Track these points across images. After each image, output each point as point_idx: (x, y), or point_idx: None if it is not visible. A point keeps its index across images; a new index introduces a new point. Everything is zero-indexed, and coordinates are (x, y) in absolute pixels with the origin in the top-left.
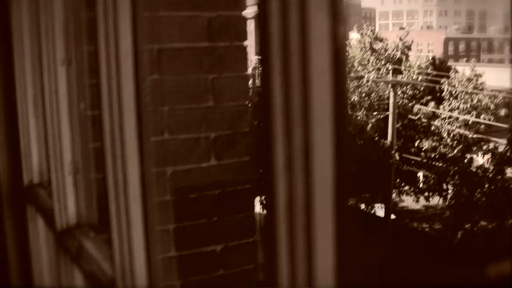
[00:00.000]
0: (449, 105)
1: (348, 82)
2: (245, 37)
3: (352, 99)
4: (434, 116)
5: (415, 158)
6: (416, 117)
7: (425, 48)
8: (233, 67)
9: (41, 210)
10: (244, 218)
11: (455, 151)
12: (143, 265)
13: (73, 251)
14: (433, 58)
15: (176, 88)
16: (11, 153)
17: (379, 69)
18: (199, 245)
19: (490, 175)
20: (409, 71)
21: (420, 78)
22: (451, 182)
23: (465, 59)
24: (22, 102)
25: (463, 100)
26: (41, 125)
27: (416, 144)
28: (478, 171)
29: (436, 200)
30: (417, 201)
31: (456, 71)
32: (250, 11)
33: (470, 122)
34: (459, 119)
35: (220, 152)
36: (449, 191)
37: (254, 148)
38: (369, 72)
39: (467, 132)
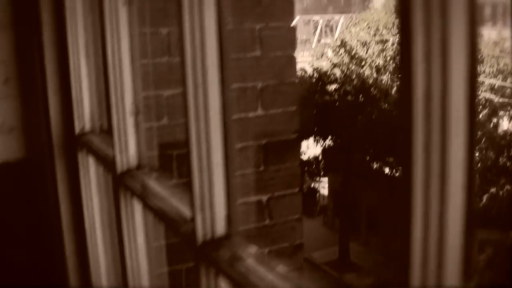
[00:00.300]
0: None
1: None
2: None
3: (377, 63)
4: None
5: None
6: None
7: None
8: (280, 17)
9: (95, 155)
10: (289, 169)
11: (481, 115)
12: (223, 207)
13: (137, 189)
14: None
15: None
16: (62, 102)
17: None
18: (246, 195)
19: None
20: None
21: None
22: (477, 146)
23: (490, 23)
24: (73, 50)
25: (489, 64)
26: (93, 72)
27: None
28: (505, 135)
29: None
30: None
31: (482, 35)
32: None
33: (496, 86)
34: (485, 83)
35: (267, 102)
36: (475, 155)
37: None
38: (394, 35)
39: (493, 96)
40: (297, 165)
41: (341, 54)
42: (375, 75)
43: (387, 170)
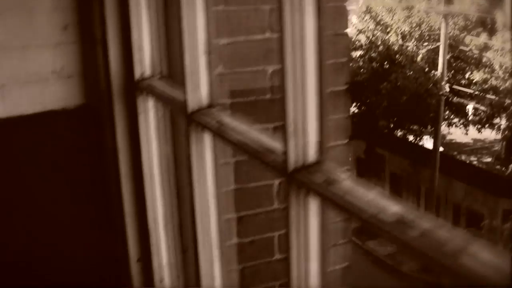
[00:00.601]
0: (502, 36)
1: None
2: None
3: (403, 29)
4: (486, 47)
5: (465, 90)
6: (468, 49)
7: None
8: None
9: (159, 98)
10: (339, 120)
11: (507, 84)
12: (315, 133)
13: (212, 126)
14: None
15: None
16: (122, 47)
17: None
18: None
19: None
20: (461, 1)
21: (472, 8)
22: (504, 115)
23: None
24: None
25: None
26: (153, 17)
27: (466, 76)
28: None
29: (485, 134)
30: (466, 133)
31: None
32: None
33: None
34: None
35: None
36: (502, 124)
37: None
38: (420, 2)
39: None
40: (347, 116)
41: (366, 20)
42: (400, 41)
43: (411, 137)
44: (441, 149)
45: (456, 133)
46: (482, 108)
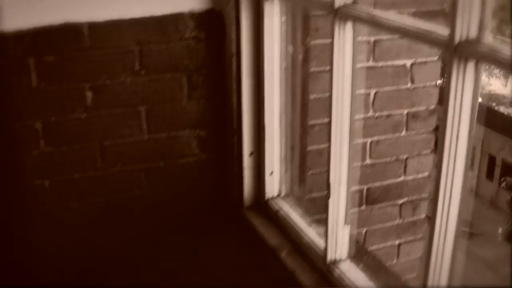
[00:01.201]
0: None
1: None
2: None
3: None
4: None
5: (507, 39)
6: None
7: None
8: None
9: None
10: None
11: None
12: (478, 11)
13: (363, 17)
14: None
15: None
16: None
17: None
18: (392, 59)
19: None
20: None
21: None
22: None
23: None
24: None
25: None
26: None
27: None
28: None
29: None
30: (505, 85)
31: None
32: None
33: None
34: None
35: None
36: None
37: None
38: None
39: None
40: None
41: None
42: None
43: None
44: (479, 99)
45: (496, 84)
46: None
